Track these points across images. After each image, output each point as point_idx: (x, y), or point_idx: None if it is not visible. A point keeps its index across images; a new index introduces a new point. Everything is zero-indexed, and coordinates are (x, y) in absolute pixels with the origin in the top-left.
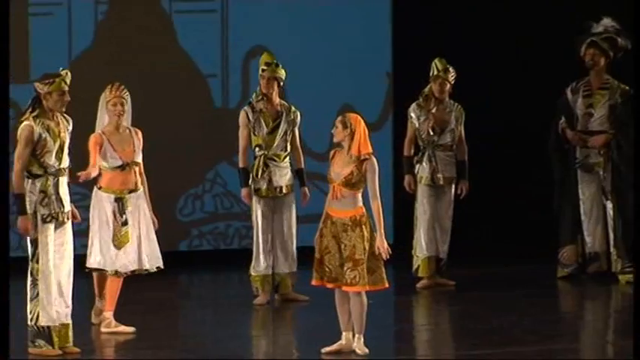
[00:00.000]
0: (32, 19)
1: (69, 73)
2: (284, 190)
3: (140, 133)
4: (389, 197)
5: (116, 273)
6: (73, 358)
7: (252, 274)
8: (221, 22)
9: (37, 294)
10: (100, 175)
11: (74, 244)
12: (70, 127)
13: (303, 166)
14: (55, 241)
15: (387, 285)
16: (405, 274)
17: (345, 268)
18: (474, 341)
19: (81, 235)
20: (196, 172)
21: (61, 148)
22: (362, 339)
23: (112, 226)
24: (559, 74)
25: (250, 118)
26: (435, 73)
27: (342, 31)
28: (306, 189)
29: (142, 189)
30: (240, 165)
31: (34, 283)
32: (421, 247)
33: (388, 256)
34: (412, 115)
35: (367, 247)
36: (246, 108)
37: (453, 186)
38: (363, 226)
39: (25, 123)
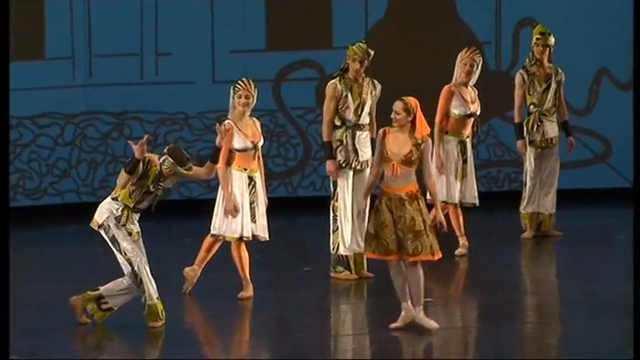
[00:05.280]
0: None
1: (358, 50)
2: (553, 142)
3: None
4: (629, 147)
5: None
6: (368, 282)
7: (522, 212)
8: None
9: (338, 227)
10: (447, 122)
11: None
12: (376, 92)
13: (567, 118)
14: (353, 185)
15: (440, 255)
16: None
17: (407, 240)
18: None
19: None
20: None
21: (360, 107)
22: (422, 311)
23: (455, 164)
24: None
25: (525, 79)
26: None
27: (599, 2)
28: (572, 139)
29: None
30: (516, 120)
31: (335, 219)
32: None
33: (440, 227)
34: None
35: (426, 219)
36: (521, 71)
37: None
38: (420, 200)
39: (331, 81)
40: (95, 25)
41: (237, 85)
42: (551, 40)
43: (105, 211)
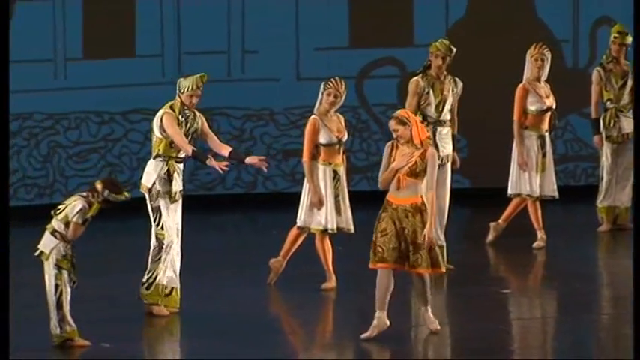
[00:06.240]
0: None
1: (440, 46)
2: (630, 137)
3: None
4: None
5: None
6: (448, 273)
7: (599, 205)
8: None
9: None
10: (525, 118)
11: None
12: (458, 89)
13: None
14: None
15: (444, 269)
16: None
17: (409, 251)
18: None
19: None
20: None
21: (441, 103)
22: (429, 310)
23: (535, 158)
24: None
25: (602, 76)
26: None
27: None
28: None
29: None
30: (593, 116)
31: None
32: None
33: (430, 246)
34: None
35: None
36: (598, 68)
37: None
38: (424, 214)
39: (413, 78)
40: (184, 24)
41: (329, 83)
42: (629, 39)
43: (152, 172)
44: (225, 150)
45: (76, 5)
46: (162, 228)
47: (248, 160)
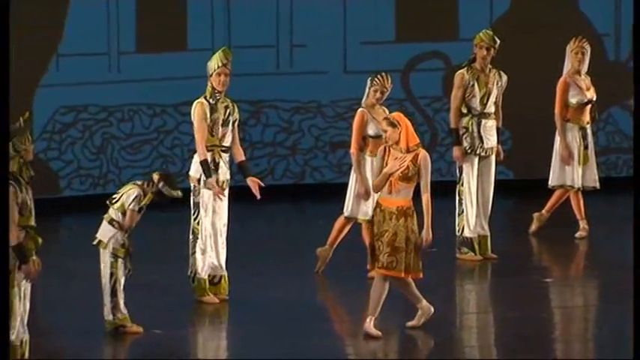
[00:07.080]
0: None
1: (484, 37)
2: None
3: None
4: None
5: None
6: (492, 263)
7: None
8: None
9: (463, 211)
10: (567, 111)
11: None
12: (502, 82)
13: None
14: (478, 171)
15: (421, 275)
16: None
17: (384, 253)
18: None
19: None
20: None
21: (486, 96)
22: (372, 321)
23: (577, 150)
24: None
25: None
26: None
27: None
28: None
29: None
30: (633, 108)
31: (460, 202)
32: None
33: (426, 247)
34: None
35: (411, 238)
36: None
37: None
38: (409, 218)
39: (459, 71)
40: (234, 19)
41: (376, 80)
42: None
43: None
44: (239, 156)
45: None
46: (198, 223)
47: (249, 180)
